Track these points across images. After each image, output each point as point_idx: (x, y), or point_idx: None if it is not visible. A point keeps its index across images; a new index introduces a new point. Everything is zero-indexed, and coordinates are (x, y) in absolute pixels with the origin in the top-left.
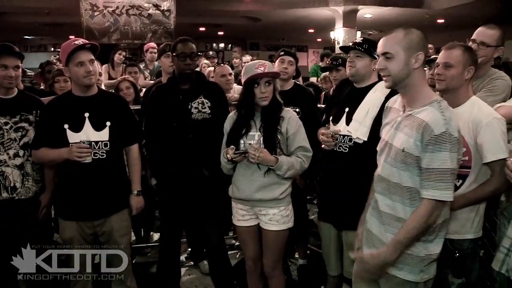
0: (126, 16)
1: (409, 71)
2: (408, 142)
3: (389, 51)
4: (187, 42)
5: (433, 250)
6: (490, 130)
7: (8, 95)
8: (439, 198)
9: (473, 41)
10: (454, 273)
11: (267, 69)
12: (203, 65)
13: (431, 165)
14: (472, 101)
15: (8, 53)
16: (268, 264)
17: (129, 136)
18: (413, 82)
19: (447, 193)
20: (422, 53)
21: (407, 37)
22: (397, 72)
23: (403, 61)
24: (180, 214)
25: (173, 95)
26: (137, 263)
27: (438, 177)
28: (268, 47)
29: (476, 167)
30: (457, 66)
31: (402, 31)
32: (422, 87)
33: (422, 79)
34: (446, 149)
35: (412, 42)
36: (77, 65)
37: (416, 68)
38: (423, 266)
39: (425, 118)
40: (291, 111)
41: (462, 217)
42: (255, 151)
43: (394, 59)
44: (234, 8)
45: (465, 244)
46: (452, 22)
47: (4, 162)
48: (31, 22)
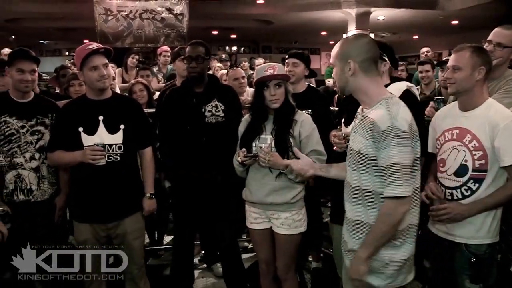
0: (140, 20)
1: (346, 80)
2: (362, 143)
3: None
4: (195, 45)
5: (399, 256)
6: (508, 133)
7: (25, 99)
8: (395, 194)
9: (489, 42)
10: (471, 279)
11: (277, 71)
12: (215, 68)
13: (384, 162)
14: (488, 103)
15: (25, 58)
16: (281, 268)
17: (142, 139)
18: (355, 87)
19: (401, 188)
20: (352, 61)
21: (340, 48)
22: (337, 81)
23: (339, 71)
24: (194, 216)
25: (187, 98)
26: (150, 265)
27: (391, 173)
28: (280, 50)
29: (492, 170)
30: (465, 68)
31: (339, 43)
32: (369, 90)
33: (366, 82)
34: (393, 143)
35: (342, 53)
36: (91, 69)
37: (351, 75)
38: (389, 272)
39: (373, 116)
40: (304, 114)
41: (477, 222)
42: (265, 154)
43: (335, 69)
44: (246, 11)
45: (482, 249)
46: (467, 24)
47: (21, 165)
48: (46, 27)
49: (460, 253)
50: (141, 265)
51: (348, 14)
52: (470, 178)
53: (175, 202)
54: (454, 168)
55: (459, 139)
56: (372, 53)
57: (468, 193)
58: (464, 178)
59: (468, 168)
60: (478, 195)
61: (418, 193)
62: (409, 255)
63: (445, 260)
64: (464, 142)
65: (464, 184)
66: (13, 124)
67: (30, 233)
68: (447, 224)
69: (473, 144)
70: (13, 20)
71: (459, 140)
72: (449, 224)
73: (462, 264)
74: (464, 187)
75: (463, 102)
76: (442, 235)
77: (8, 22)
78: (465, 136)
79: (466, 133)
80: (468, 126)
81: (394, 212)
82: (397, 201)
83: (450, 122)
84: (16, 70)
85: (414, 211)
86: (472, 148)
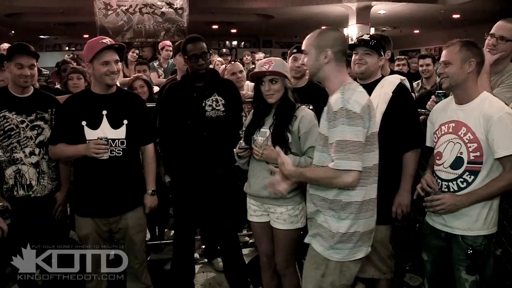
0: (140, 15)
1: (320, 66)
2: (322, 125)
3: (304, 49)
4: (196, 41)
5: (344, 229)
6: (501, 125)
7: (24, 94)
8: (339, 167)
9: (492, 35)
10: (467, 270)
11: (272, 67)
12: (216, 63)
13: (331, 139)
14: (483, 97)
15: (24, 52)
16: (280, 262)
17: (145, 135)
18: (326, 75)
19: (345, 163)
20: (330, 50)
21: (317, 37)
22: (309, 67)
23: (314, 58)
24: (194, 211)
25: (187, 93)
26: (151, 260)
27: (337, 149)
28: (281, 44)
29: (488, 162)
30: (455, 62)
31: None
32: (336, 78)
33: (335, 71)
34: (343, 123)
35: (320, 41)
36: (102, 64)
37: (326, 63)
38: (334, 243)
39: (330, 101)
40: (306, 109)
41: (474, 213)
42: (259, 147)
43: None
44: (246, 6)
45: (478, 241)
46: (468, 17)
47: (20, 160)
48: (46, 22)
49: (457, 244)
50: (143, 259)
51: (348, 8)
52: (466, 170)
53: (175, 196)
54: (450, 161)
55: (455, 132)
56: (345, 46)
57: (464, 185)
58: (460, 170)
59: (464, 160)
60: (474, 187)
61: (376, 169)
62: (353, 231)
63: (442, 252)
64: (459, 134)
65: (460, 176)
66: (13, 119)
67: (30, 228)
68: (443, 216)
69: (468, 136)
70: (13, 15)
71: (454, 133)
72: (445, 215)
73: (458, 256)
74: (460, 179)
75: (458, 96)
76: (439, 227)
77: (8, 17)
78: (461, 129)
79: (461, 126)
80: (463, 119)
81: (333, 180)
82: (339, 172)
83: (446, 116)
84: (15, 65)
85: (372, 186)
86: (467, 140)
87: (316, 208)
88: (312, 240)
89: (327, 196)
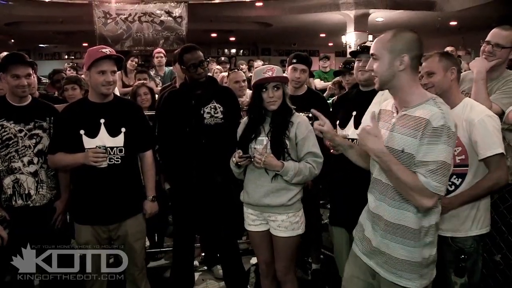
0: (139, 23)
1: (394, 74)
2: (406, 142)
3: (374, 53)
4: (193, 50)
5: (430, 253)
6: (482, 127)
7: (22, 103)
8: (429, 187)
9: (488, 42)
10: (456, 272)
11: (275, 73)
12: (215, 71)
13: (426, 157)
14: (465, 103)
15: (19, 62)
16: (280, 270)
17: (143, 142)
18: (401, 84)
19: (438, 186)
20: (407, 56)
21: (392, 39)
22: (380, 75)
23: (387, 64)
24: (194, 218)
25: (185, 100)
26: (151, 268)
27: (434, 169)
28: (279, 52)
29: (473, 165)
30: (438, 71)
31: (390, 33)
32: (413, 88)
33: (411, 81)
34: (444, 142)
35: (396, 45)
36: (99, 73)
37: (401, 70)
38: (422, 271)
39: (423, 115)
40: (301, 116)
41: (462, 215)
42: (260, 155)
43: (379, 61)
44: (245, 14)
45: (468, 243)
46: (465, 24)
47: (19, 169)
48: (45, 31)
49: (447, 246)
50: (142, 267)
51: (346, 16)
52: (453, 174)
53: (174, 204)
54: None
55: None
56: (421, 51)
57: (452, 188)
58: None
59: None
60: (462, 189)
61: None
62: (436, 250)
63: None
64: None
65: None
66: (11, 128)
67: (28, 239)
68: None
69: None
70: (13, 23)
71: None
72: None
73: (448, 258)
74: (448, 183)
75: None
76: None
77: (7, 26)
78: None
79: None
80: None
81: (415, 193)
82: (427, 191)
83: None
84: (11, 76)
85: (438, 210)
86: None
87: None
88: (395, 279)
89: (410, 225)
